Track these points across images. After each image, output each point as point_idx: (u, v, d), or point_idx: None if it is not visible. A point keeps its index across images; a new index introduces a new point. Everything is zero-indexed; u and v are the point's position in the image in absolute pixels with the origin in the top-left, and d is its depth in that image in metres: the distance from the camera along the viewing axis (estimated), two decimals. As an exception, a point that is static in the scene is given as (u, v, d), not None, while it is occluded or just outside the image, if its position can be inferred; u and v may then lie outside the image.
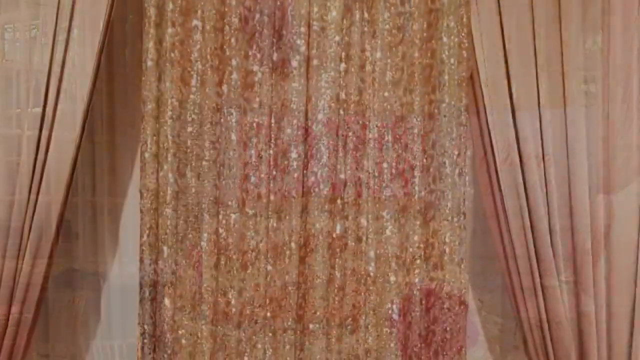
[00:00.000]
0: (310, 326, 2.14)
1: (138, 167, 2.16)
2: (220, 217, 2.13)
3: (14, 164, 1.99)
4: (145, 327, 2.11)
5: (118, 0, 2.09)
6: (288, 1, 2.09)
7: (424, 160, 2.17)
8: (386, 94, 2.17)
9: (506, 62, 2.10)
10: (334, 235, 2.14)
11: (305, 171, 2.13)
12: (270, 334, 2.15)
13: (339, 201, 2.14)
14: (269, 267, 2.14)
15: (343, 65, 2.13)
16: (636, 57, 2.13)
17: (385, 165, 2.17)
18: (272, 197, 2.14)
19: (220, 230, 2.13)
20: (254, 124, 2.13)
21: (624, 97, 2.14)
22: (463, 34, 2.12)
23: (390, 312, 2.16)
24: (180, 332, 2.13)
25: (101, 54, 2.05)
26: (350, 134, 2.14)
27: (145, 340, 2.11)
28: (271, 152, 2.14)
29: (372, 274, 2.15)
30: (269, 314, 2.14)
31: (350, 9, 2.12)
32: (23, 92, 2.01)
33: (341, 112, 2.14)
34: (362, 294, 2.14)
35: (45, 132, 2.00)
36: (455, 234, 2.15)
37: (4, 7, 2.03)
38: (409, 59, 2.16)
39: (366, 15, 2.14)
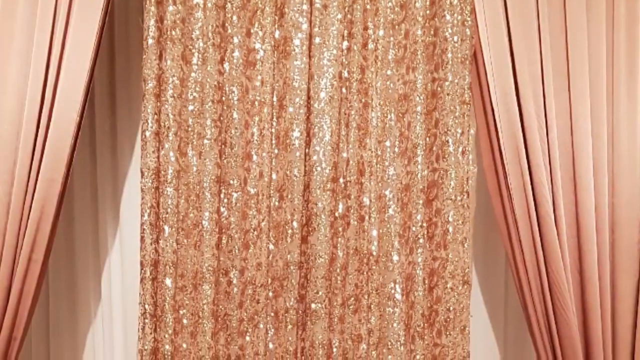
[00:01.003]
0: (313, 306, 2.12)
1: (139, 145, 2.14)
2: (222, 195, 2.12)
3: (14, 141, 1.98)
4: (147, 307, 2.09)
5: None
6: (290, -22, 2.08)
7: (427, 139, 2.16)
8: (389, 72, 2.16)
9: (510, 39, 2.09)
10: (336, 214, 2.13)
11: (307, 150, 2.12)
12: (272, 314, 2.13)
13: (341, 180, 2.13)
14: (271, 247, 2.13)
15: (345, 43, 2.12)
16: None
17: (387, 143, 2.16)
18: (274, 176, 2.12)
19: (222, 209, 2.12)
20: (256, 102, 2.12)
21: (628, 74, 2.14)
22: (466, 12, 2.11)
23: (393, 291, 2.15)
24: (181, 312, 2.11)
25: (102, 32, 2.04)
26: (352, 112, 2.13)
27: (146, 320, 2.09)
28: (273, 130, 2.13)
29: (374, 253, 2.13)
30: (270, 294, 2.13)
31: (352, -14, 2.11)
32: (23, 70, 1.99)
33: (343, 90, 2.12)
34: (365, 273, 2.13)
35: (45, 111, 1.99)
36: (459, 212, 2.13)
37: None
38: (411, 36, 2.15)
39: (369, -8, 2.13)
